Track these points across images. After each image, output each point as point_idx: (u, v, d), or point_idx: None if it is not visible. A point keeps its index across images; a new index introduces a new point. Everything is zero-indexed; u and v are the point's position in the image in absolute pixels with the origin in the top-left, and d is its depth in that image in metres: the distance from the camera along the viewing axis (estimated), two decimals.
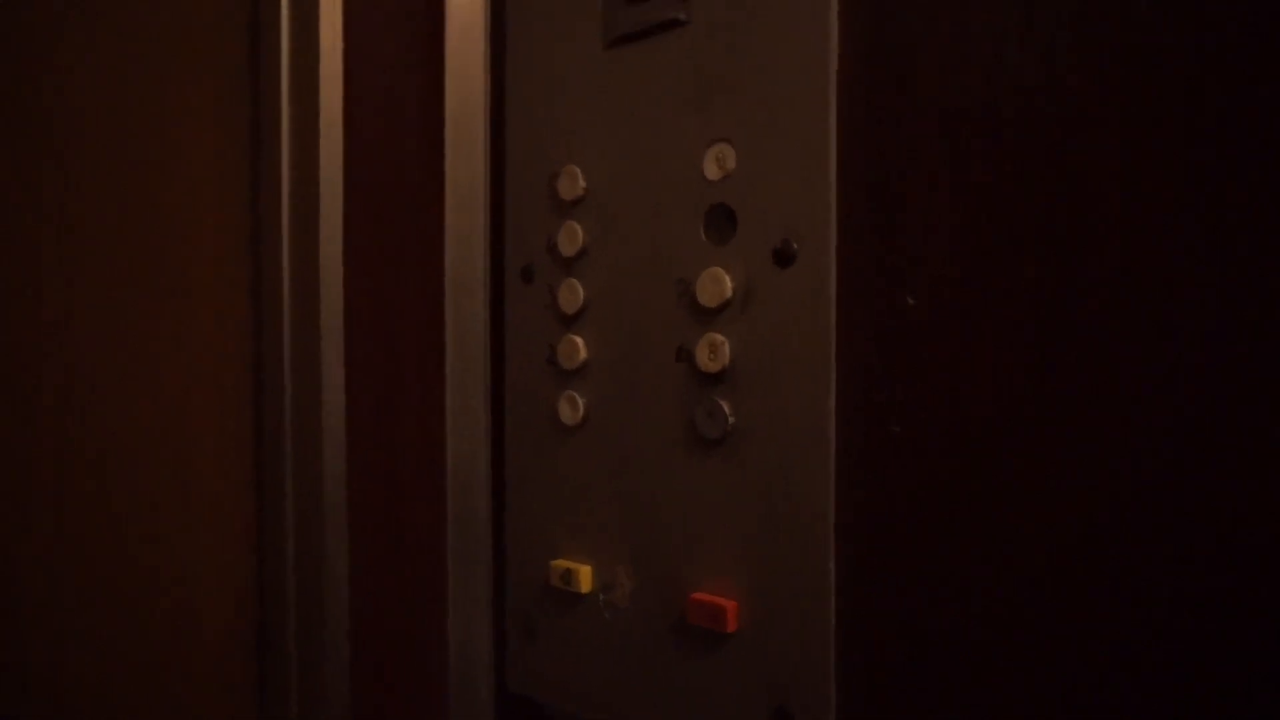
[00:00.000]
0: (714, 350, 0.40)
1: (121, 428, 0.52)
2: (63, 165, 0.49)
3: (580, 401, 0.46)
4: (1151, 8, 0.29)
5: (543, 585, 0.48)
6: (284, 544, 0.55)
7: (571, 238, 0.46)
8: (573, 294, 0.46)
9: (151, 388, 0.53)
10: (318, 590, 0.53)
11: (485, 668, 0.52)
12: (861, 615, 0.36)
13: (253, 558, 0.57)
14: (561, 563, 0.46)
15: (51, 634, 0.49)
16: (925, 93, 0.34)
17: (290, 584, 0.55)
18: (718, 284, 0.40)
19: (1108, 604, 0.31)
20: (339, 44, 0.53)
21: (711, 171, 0.40)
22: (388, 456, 0.54)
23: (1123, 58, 0.30)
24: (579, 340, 0.46)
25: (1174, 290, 0.29)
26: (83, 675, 0.50)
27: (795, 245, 0.37)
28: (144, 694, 0.53)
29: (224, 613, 0.56)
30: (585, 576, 0.45)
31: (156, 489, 0.53)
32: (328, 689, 0.53)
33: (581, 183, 0.45)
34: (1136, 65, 0.30)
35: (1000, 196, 0.33)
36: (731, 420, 0.40)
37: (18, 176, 0.48)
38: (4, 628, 0.47)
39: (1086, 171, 0.31)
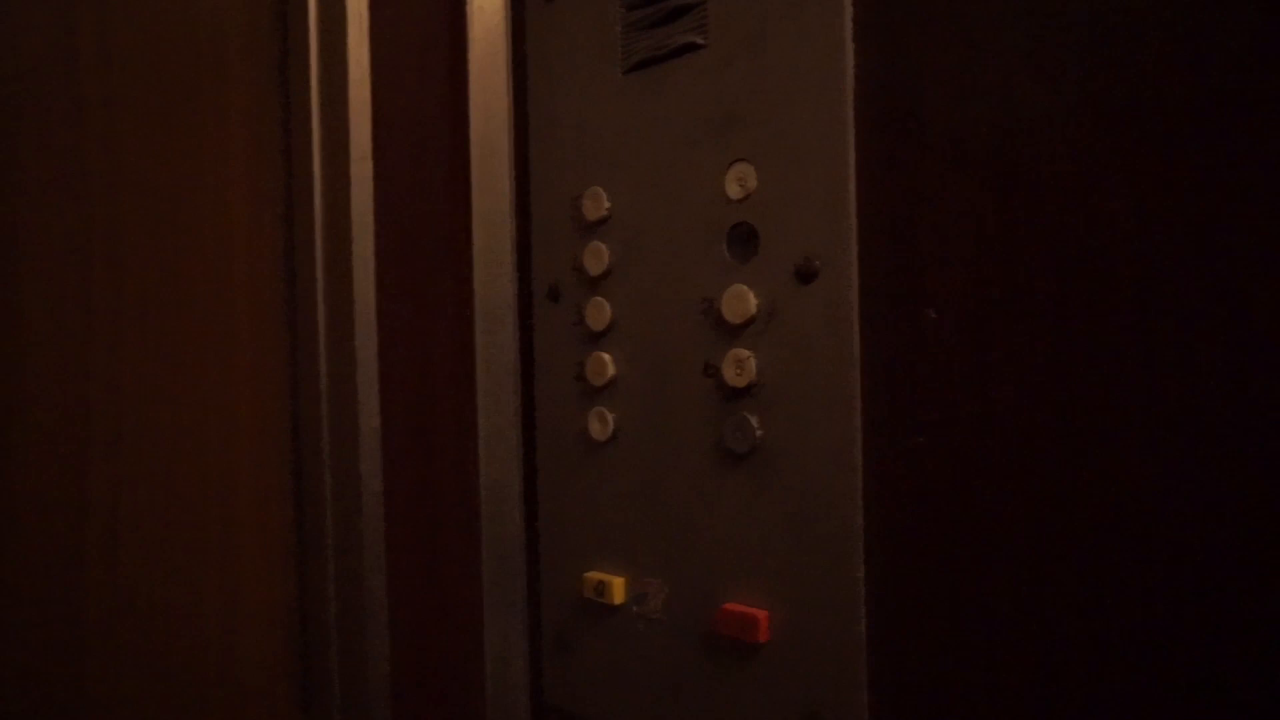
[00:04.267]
0: (740, 366, 0.41)
1: (167, 454, 0.53)
2: (111, 193, 0.51)
3: (609, 417, 0.47)
4: (1157, 39, 0.30)
5: (576, 598, 0.49)
6: (324, 564, 0.56)
7: (597, 257, 0.47)
8: (600, 312, 0.47)
9: (194, 411, 0.54)
10: (358, 609, 0.54)
11: (522, 681, 0.53)
12: (892, 625, 0.37)
13: (294, 577, 0.59)
14: (594, 575, 0.47)
15: (101, 656, 0.50)
16: (939, 114, 0.35)
17: (331, 603, 0.56)
18: (742, 301, 0.41)
19: (1139, 615, 0.31)
20: (366, 76, 0.54)
21: (733, 191, 0.41)
22: (423, 475, 0.55)
23: (1129, 88, 0.31)
24: (607, 357, 0.47)
25: (1188, 301, 0.30)
26: (129, 692, 0.52)
27: (817, 262, 0.38)
28: (190, 713, 0.54)
29: (267, 631, 0.58)
30: (618, 588, 0.46)
31: (199, 512, 0.55)
32: (370, 705, 0.54)
33: (605, 204, 0.47)
34: (1142, 95, 0.30)
35: (1016, 211, 0.33)
36: (759, 434, 0.40)
37: (72, 212, 0.50)
38: (46, 643, 0.49)
39: (1097, 189, 0.31)
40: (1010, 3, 0.33)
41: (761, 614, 0.40)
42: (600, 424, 0.47)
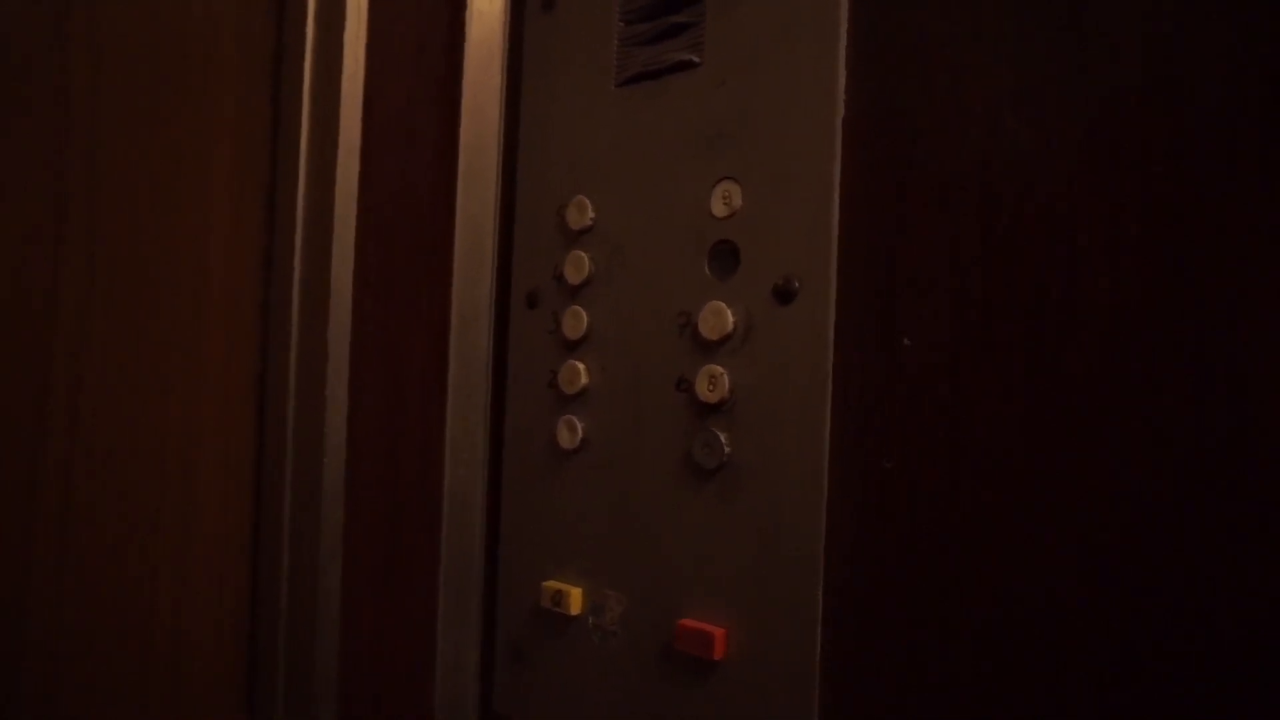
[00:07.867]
0: (713, 382, 0.41)
1: (125, 442, 0.52)
2: (90, 175, 0.50)
3: (579, 426, 0.46)
4: (1135, 83, 0.31)
5: (533, 607, 0.48)
6: (278, 559, 0.55)
7: (578, 266, 0.47)
8: (577, 321, 0.47)
9: (157, 398, 0.54)
10: (309, 607, 0.53)
11: (472, 688, 0.52)
12: (848, 647, 0.37)
13: (246, 572, 0.58)
14: (553, 584, 0.47)
15: (44, 643, 0.49)
16: (925, 145, 0.36)
17: (282, 600, 0.55)
18: (719, 317, 0.41)
19: (1096, 641, 0.31)
20: (360, 74, 0.54)
21: (718, 208, 0.42)
22: (386, 475, 0.54)
23: (1107, 129, 0.32)
24: (581, 366, 0.47)
25: (1158, 335, 0.30)
26: (70, 683, 0.50)
27: (796, 283, 0.39)
28: (131, 709, 0.53)
29: (215, 626, 0.56)
30: (576, 599, 0.46)
31: (155, 499, 0.54)
32: (316, 707, 0.53)
33: (590, 213, 0.47)
34: (1120, 136, 0.31)
35: (994, 243, 0.34)
36: (728, 451, 0.41)
37: (44, 185, 0.49)
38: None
39: (1073, 225, 0.32)
40: (998, 42, 0.34)
41: (719, 631, 0.40)
42: (569, 432, 0.47)
